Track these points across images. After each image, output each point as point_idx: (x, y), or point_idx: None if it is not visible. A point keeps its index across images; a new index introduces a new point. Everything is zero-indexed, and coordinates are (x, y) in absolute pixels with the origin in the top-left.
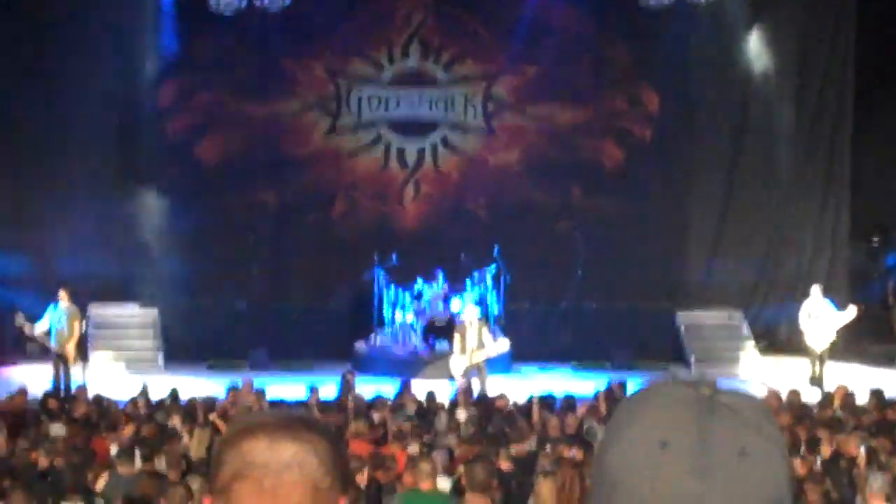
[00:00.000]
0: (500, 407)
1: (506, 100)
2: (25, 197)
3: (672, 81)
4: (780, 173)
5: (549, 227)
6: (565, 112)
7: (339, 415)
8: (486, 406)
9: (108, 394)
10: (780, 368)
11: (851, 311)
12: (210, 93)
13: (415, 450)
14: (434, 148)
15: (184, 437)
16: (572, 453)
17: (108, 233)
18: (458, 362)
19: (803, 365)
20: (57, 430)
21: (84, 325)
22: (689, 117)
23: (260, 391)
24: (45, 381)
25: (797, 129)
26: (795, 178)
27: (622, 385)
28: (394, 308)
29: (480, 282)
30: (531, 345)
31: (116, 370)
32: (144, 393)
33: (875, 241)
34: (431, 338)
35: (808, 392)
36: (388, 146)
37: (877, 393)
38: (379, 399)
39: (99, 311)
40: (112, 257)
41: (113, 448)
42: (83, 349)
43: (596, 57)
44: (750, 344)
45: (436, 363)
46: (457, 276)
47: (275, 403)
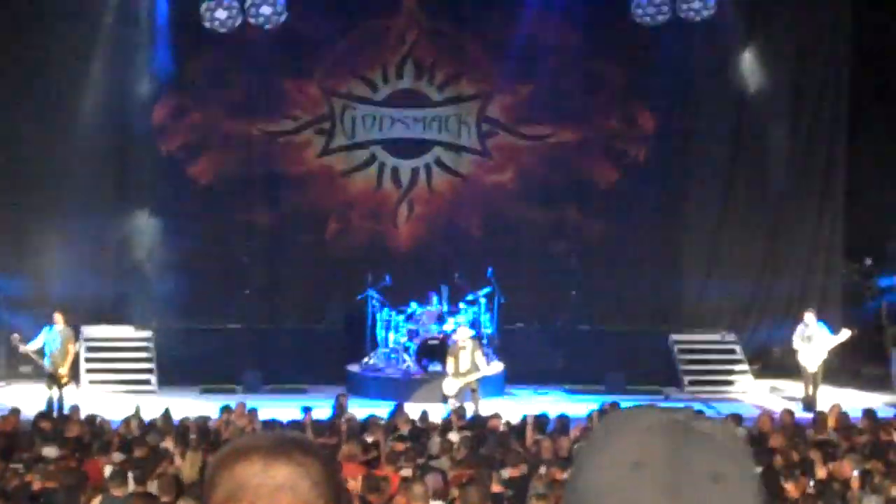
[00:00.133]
0: (494, 427)
1: (500, 120)
2: (19, 218)
3: (666, 100)
4: (774, 194)
5: (543, 248)
6: (559, 132)
7: (333, 436)
8: (479, 428)
9: (101, 415)
10: (773, 390)
11: (845, 334)
12: (204, 112)
13: (408, 472)
14: (428, 168)
15: (176, 459)
16: (565, 476)
17: (102, 253)
18: (452, 384)
19: (797, 387)
20: (50, 451)
21: (78, 347)
22: (684, 137)
23: (253, 411)
24: (39, 402)
25: (791, 148)
26: (789, 198)
27: (615, 407)
28: (387, 329)
29: (474, 303)
30: (524, 366)
31: (110, 392)
32: (137, 415)
33: (868, 262)
34: (425, 359)
35: (801, 413)
36: (381, 166)
37: (869, 413)
38: (372, 420)
39: (93, 332)
40: (105, 279)
41: (106, 470)
42: (76, 371)
43: (590, 76)
44: (743, 366)
45: (429, 385)
46: (450, 296)
47: (268, 424)
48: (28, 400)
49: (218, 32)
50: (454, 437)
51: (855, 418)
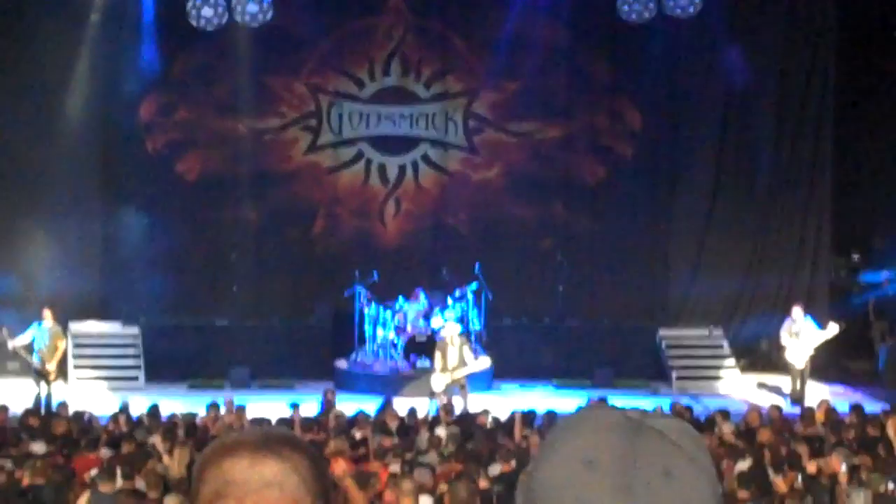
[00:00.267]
0: (482, 424)
1: (487, 116)
2: (5, 214)
3: (653, 97)
4: (761, 189)
5: (531, 244)
6: (546, 128)
7: (320, 432)
8: (467, 423)
9: (89, 412)
10: (761, 385)
11: (833, 329)
12: (191, 109)
13: (396, 468)
14: (415, 164)
15: (164, 456)
16: None
17: (89, 250)
18: (439, 380)
19: (784, 381)
20: (37, 447)
21: (66, 344)
22: (671, 133)
23: (240, 408)
24: (26, 399)
25: (778, 144)
26: (776, 193)
27: (603, 402)
28: (374, 325)
29: (461, 299)
30: (512, 362)
31: (97, 388)
32: (125, 410)
33: (856, 257)
34: (412, 355)
35: (789, 408)
36: (368, 163)
37: (857, 408)
38: (360, 416)
39: (80, 329)
40: (93, 275)
41: (93, 466)
42: (64, 367)
43: (576, 72)
44: (731, 361)
45: (417, 380)
46: (438, 292)
47: (256, 420)
48: (15, 396)
49: (205, 30)
50: (442, 432)
51: (843, 413)
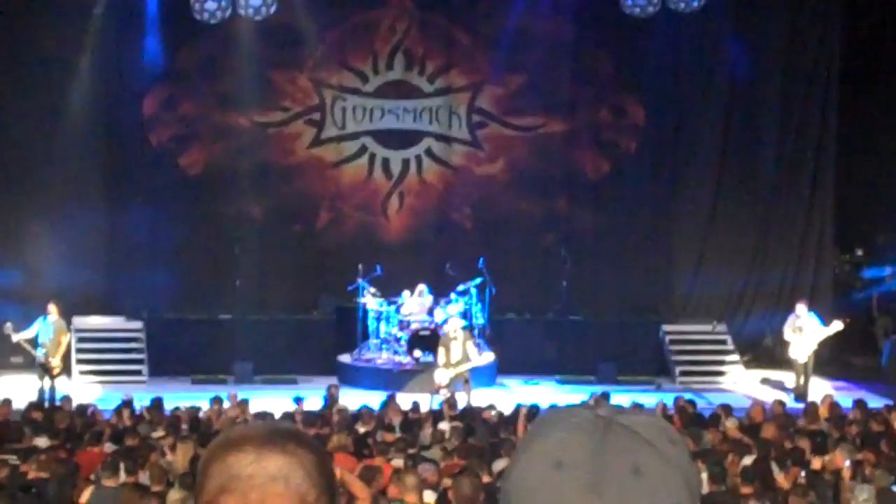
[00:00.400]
0: (487, 419)
1: (490, 111)
2: (9, 209)
3: (657, 91)
4: (765, 184)
5: (534, 239)
6: (550, 123)
7: (324, 427)
8: (470, 418)
9: (92, 406)
10: (764, 381)
11: (837, 326)
12: (194, 103)
13: (399, 463)
14: (418, 159)
15: (167, 450)
16: None
17: (92, 244)
18: (443, 374)
19: (787, 377)
20: (41, 441)
21: (70, 338)
22: (674, 128)
23: (244, 402)
24: (30, 393)
25: (782, 139)
26: (780, 189)
27: (605, 397)
28: (378, 320)
29: (465, 293)
30: (516, 357)
31: (101, 382)
32: (129, 404)
33: (859, 252)
34: (416, 350)
35: (792, 404)
36: (372, 157)
37: (860, 404)
38: (364, 411)
39: (83, 323)
40: (96, 269)
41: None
42: (68, 362)
43: (580, 67)
44: (734, 356)
45: (420, 375)
46: (441, 287)
47: (259, 415)
48: (19, 391)
49: (208, 24)
50: (445, 427)
51: (846, 409)
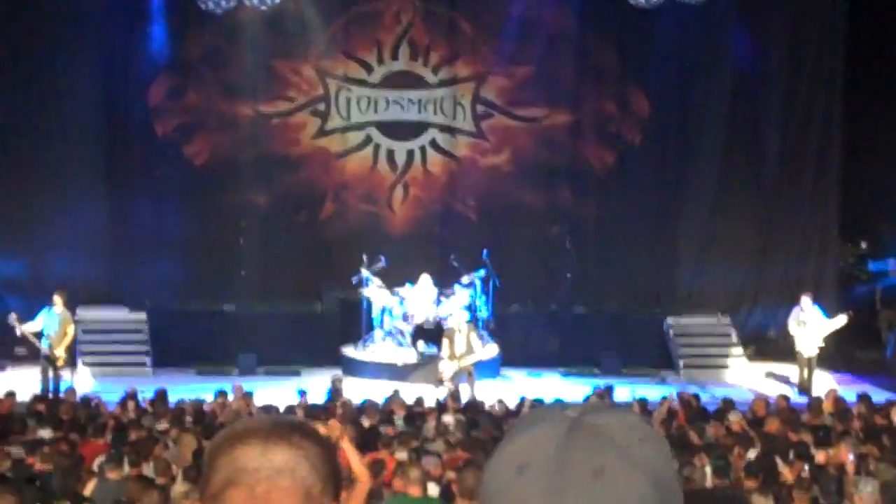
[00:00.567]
0: (491, 412)
1: (495, 101)
2: (14, 199)
3: (661, 83)
4: (770, 176)
5: (538, 231)
6: (555, 114)
7: (327, 420)
8: (474, 411)
9: (96, 397)
10: (768, 374)
11: (842, 319)
12: (199, 93)
13: (403, 455)
14: (423, 150)
15: (171, 442)
16: None
17: (97, 235)
18: (447, 367)
19: (791, 370)
20: (45, 433)
21: (75, 329)
22: (679, 120)
23: (248, 394)
24: (34, 385)
25: (787, 130)
26: (785, 181)
27: (609, 390)
28: (382, 312)
29: (469, 285)
30: (520, 349)
31: (105, 374)
32: (133, 396)
33: (864, 245)
34: (420, 342)
35: (796, 398)
36: (377, 148)
37: (864, 398)
38: (367, 404)
39: (87, 314)
40: (100, 260)
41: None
42: (72, 353)
43: (585, 58)
44: (738, 349)
45: (424, 368)
46: (446, 279)
47: (264, 407)
48: (24, 382)
49: (213, 13)
50: (449, 420)
51: (850, 402)
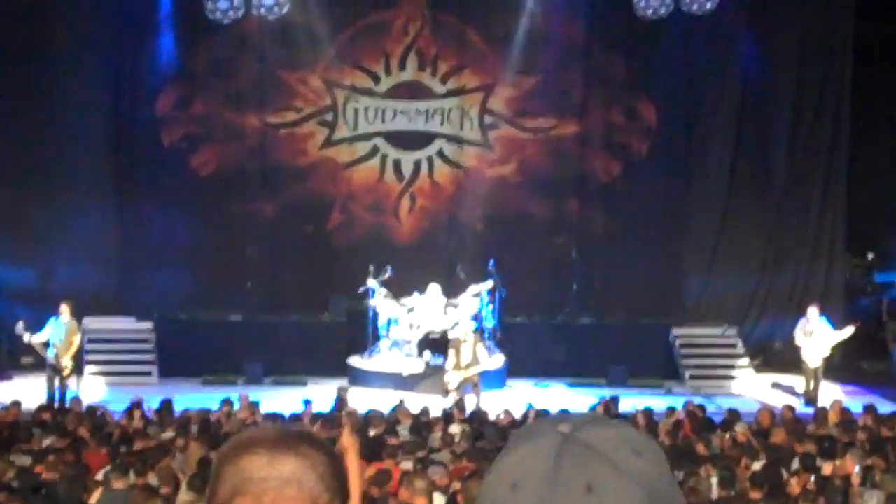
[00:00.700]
0: (497, 422)
1: (502, 112)
2: (21, 209)
3: (669, 94)
4: (777, 187)
5: (545, 241)
6: (562, 124)
7: (333, 430)
8: (479, 421)
9: (102, 407)
10: (774, 385)
11: (848, 330)
12: (206, 103)
13: (409, 465)
14: (430, 160)
15: (177, 452)
16: None
17: (104, 244)
18: (453, 377)
19: (798, 381)
20: (50, 443)
21: (81, 339)
22: (686, 130)
23: (255, 404)
24: (40, 394)
25: (793, 142)
26: (791, 191)
27: (615, 401)
28: (388, 322)
29: (476, 295)
30: (526, 360)
31: (111, 384)
32: (139, 406)
33: (870, 257)
34: (426, 352)
35: (802, 409)
36: (384, 158)
37: (870, 409)
38: (373, 414)
39: (94, 324)
40: (107, 269)
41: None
42: (79, 363)
43: (592, 68)
44: (744, 360)
45: (430, 378)
46: (452, 289)
47: (269, 417)
48: (30, 391)
49: (221, 23)
50: (455, 430)
51: (856, 414)
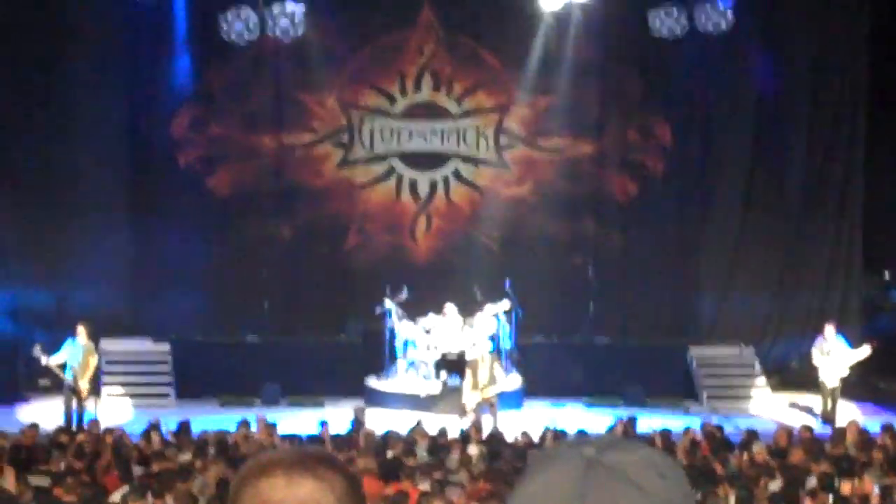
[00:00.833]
0: (514, 443)
1: (518, 132)
2: (38, 231)
3: (684, 113)
4: (793, 206)
5: (562, 261)
6: (578, 144)
7: (350, 451)
8: (496, 442)
9: (120, 429)
10: (791, 404)
11: (865, 349)
12: (222, 124)
13: (426, 486)
14: (446, 180)
15: (195, 473)
16: None
17: (120, 266)
18: (470, 397)
19: (815, 401)
20: (68, 464)
21: (98, 361)
22: (702, 150)
23: (272, 426)
24: (58, 416)
25: (810, 160)
26: (808, 211)
27: (632, 421)
28: (405, 342)
29: (492, 316)
30: (543, 380)
31: (128, 405)
32: (157, 427)
33: (887, 276)
34: (443, 373)
35: (820, 428)
36: (400, 179)
37: (888, 428)
38: (391, 434)
39: (110, 346)
40: (124, 291)
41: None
42: (96, 384)
43: (608, 88)
44: (762, 380)
45: (447, 398)
46: (469, 309)
47: (287, 438)
48: (47, 414)
49: (237, 45)
50: (473, 451)
51: (874, 433)
